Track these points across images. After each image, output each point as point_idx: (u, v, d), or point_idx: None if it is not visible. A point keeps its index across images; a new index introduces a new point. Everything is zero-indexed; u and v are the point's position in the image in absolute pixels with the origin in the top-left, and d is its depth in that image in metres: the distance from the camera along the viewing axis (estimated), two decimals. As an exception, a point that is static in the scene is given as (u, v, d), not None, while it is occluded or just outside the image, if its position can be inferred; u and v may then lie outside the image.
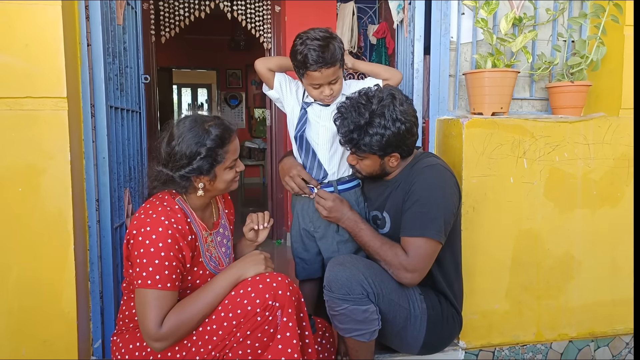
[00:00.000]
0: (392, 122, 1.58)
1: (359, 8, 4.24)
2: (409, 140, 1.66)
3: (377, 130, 1.58)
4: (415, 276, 1.61)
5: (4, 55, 1.53)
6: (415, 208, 1.62)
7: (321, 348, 1.76)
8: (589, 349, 2.16)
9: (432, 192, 1.62)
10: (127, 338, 1.51)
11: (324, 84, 1.69)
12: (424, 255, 1.60)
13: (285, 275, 1.46)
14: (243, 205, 6.40)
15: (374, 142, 1.59)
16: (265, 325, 1.38)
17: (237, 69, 8.40)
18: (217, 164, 1.48)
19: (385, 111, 1.58)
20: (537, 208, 2.03)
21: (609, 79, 2.11)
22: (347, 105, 1.63)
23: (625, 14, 2.02)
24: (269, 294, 1.38)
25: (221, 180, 1.52)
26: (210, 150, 1.45)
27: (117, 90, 1.86)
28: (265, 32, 3.93)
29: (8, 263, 1.58)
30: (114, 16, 1.85)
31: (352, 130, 1.59)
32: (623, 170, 2.08)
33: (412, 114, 1.64)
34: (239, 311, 1.38)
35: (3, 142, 1.55)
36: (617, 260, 2.13)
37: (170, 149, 1.46)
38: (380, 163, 1.68)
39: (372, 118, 1.58)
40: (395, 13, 2.29)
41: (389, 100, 1.60)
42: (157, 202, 1.46)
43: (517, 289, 2.05)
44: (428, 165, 1.67)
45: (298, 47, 1.66)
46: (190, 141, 1.44)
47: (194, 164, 1.44)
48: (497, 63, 1.96)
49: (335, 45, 1.65)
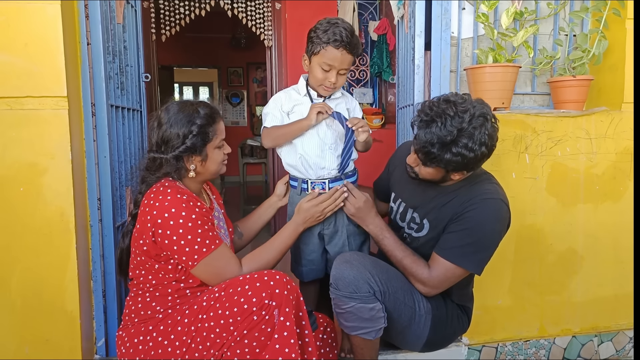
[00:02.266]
0: (479, 146, 1.44)
1: (360, 4, 4.22)
2: (484, 161, 1.55)
3: (461, 151, 1.44)
4: (431, 292, 1.63)
5: (4, 55, 1.53)
6: (461, 234, 1.56)
7: (322, 343, 1.76)
8: (593, 344, 2.15)
9: (485, 228, 1.56)
10: (132, 332, 1.52)
11: (336, 68, 1.66)
12: (448, 278, 1.60)
13: (284, 273, 1.45)
14: (245, 203, 6.41)
15: (453, 161, 1.47)
16: (262, 325, 1.37)
17: (239, 67, 8.40)
18: (209, 141, 1.54)
19: (476, 133, 1.44)
20: (539, 203, 2.02)
21: (611, 73, 2.10)
22: (432, 112, 1.47)
23: (627, 8, 2.00)
24: (265, 292, 1.37)
25: (212, 160, 1.58)
26: (202, 128, 1.52)
27: (117, 89, 1.86)
28: (266, 30, 3.92)
29: (10, 262, 1.59)
30: (114, 15, 1.85)
31: (433, 143, 1.45)
32: (626, 165, 2.07)
33: (496, 138, 1.52)
34: (235, 309, 1.37)
35: (4, 141, 1.55)
36: (620, 255, 2.12)
37: (161, 132, 1.52)
38: (442, 175, 1.58)
39: (460, 138, 1.43)
40: (396, 9, 2.29)
41: (481, 122, 1.45)
42: (161, 188, 1.48)
43: (520, 285, 2.04)
44: (491, 198, 1.57)
45: (326, 25, 1.64)
46: (181, 122, 1.51)
47: (187, 142, 1.50)
48: (498, 58, 1.95)
49: (359, 41, 1.68)
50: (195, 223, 1.43)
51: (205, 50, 8.00)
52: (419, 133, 1.49)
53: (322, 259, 1.85)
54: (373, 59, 4.19)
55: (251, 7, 3.86)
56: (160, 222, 1.42)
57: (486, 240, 1.58)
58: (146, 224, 1.45)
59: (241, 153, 7.82)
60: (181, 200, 1.44)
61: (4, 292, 1.59)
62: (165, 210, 1.42)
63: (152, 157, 1.55)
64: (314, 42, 1.66)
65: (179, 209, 1.42)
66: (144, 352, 1.48)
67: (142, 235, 1.48)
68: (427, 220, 1.68)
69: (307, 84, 1.78)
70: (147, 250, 1.48)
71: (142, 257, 1.50)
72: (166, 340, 1.45)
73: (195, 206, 1.47)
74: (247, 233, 1.91)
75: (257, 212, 1.95)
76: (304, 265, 1.84)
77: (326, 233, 1.81)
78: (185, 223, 1.42)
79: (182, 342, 1.43)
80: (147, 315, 1.52)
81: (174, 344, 1.43)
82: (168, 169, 1.53)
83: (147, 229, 1.45)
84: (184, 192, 1.49)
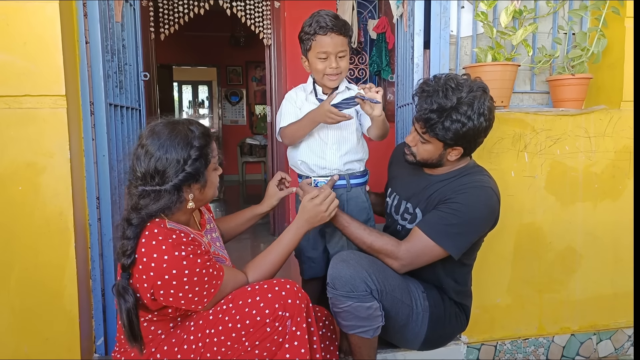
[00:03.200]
0: (477, 116, 1.52)
1: (359, 3, 4.22)
2: (480, 139, 1.61)
3: (460, 118, 1.52)
4: (404, 266, 1.61)
5: (3, 54, 1.53)
6: (448, 214, 1.57)
7: (322, 337, 1.74)
8: (591, 342, 2.16)
9: (473, 212, 1.58)
10: (132, 356, 1.43)
11: (332, 53, 1.66)
12: (424, 254, 1.59)
13: (294, 281, 1.42)
14: (245, 202, 6.41)
15: (452, 129, 1.52)
16: (274, 336, 1.34)
17: (238, 66, 8.39)
18: (209, 163, 1.38)
19: (475, 102, 1.52)
20: (538, 202, 2.02)
21: (610, 71, 2.10)
22: (433, 84, 1.56)
23: (626, 6, 2.00)
24: (278, 303, 1.33)
25: (211, 184, 1.43)
26: (201, 150, 1.34)
27: (116, 88, 1.86)
28: (265, 28, 3.92)
29: (9, 262, 1.59)
30: (112, 13, 1.84)
31: (434, 110, 1.52)
32: (624, 163, 2.08)
33: (494, 114, 1.59)
34: (247, 322, 1.33)
35: (2, 140, 1.55)
36: (619, 253, 2.12)
37: (154, 161, 1.30)
38: (440, 153, 1.63)
39: (459, 105, 1.51)
40: (395, 7, 2.28)
41: (480, 93, 1.54)
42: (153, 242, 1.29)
43: (519, 283, 2.04)
44: (482, 186, 1.61)
45: (309, 20, 1.68)
46: (178, 146, 1.31)
47: (187, 168, 1.31)
48: (497, 57, 1.95)
49: (346, 21, 1.69)
50: (199, 272, 1.29)
51: (204, 48, 7.99)
52: (420, 102, 1.57)
53: (323, 257, 1.85)
54: (372, 57, 4.19)
55: (250, 6, 3.85)
56: (161, 284, 1.27)
57: (471, 225, 1.59)
58: (142, 284, 1.29)
59: (240, 152, 7.81)
60: (179, 251, 1.27)
61: (3, 291, 1.59)
62: (165, 272, 1.26)
63: (142, 192, 1.31)
64: (304, 40, 1.70)
65: (180, 267, 1.26)
66: None
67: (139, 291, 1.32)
68: (420, 210, 1.70)
69: (314, 81, 1.80)
70: (143, 305, 1.36)
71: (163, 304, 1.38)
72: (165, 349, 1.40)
73: (191, 248, 1.30)
74: (226, 235, 1.81)
75: (239, 218, 1.83)
76: (304, 262, 1.86)
77: (327, 231, 1.82)
78: (190, 279, 1.28)
79: (191, 350, 1.37)
80: (147, 339, 1.41)
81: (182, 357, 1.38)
82: (165, 203, 1.31)
83: (144, 289, 1.30)
84: (173, 233, 1.31)
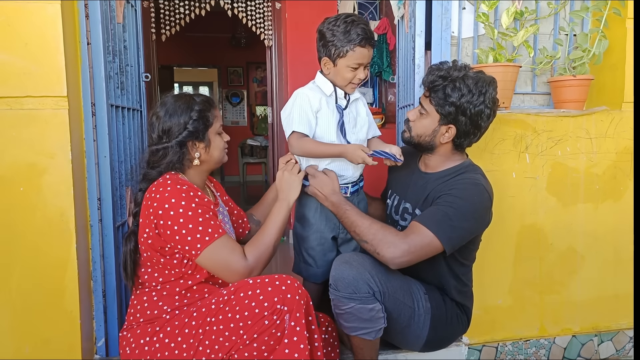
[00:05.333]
0: (479, 94, 1.60)
1: (360, 4, 4.22)
2: (474, 128, 1.65)
3: (462, 87, 1.59)
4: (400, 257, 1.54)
5: (4, 54, 1.53)
6: (444, 207, 1.58)
7: (324, 343, 1.76)
8: (593, 344, 2.15)
9: (467, 206, 1.58)
10: (138, 333, 1.51)
11: (364, 64, 1.68)
12: (422, 247, 1.54)
13: (295, 277, 1.45)
14: (246, 203, 6.41)
15: (452, 97, 1.59)
16: (272, 329, 1.37)
17: (239, 67, 8.40)
18: (210, 126, 1.58)
19: (480, 81, 1.61)
20: (539, 203, 2.02)
21: (611, 72, 2.10)
22: (446, 64, 1.67)
23: (627, 7, 2.00)
24: (277, 297, 1.37)
25: (215, 146, 1.61)
26: (201, 112, 1.56)
27: (117, 89, 1.86)
28: (266, 29, 3.92)
29: (11, 262, 1.59)
30: (114, 14, 1.84)
31: (441, 75, 1.62)
32: (626, 164, 2.07)
33: (496, 107, 1.66)
34: (246, 313, 1.37)
35: (4, 141, 1.55)
36: (621, 254, 2.12)
37: (161, 124, 1.55)
38: (434, 129, 1.67)
39: (466, 77, 1.60)
40: (396, 9, 2.28)
41: (489, 79, 1.64)
42: (162, 181, 1.50)
43: (520, 284, 2.04)
44: (474, 183, 1.63)
45: (344, 25, 1.62)
46: (180, 110, 1.55)
47: (189, 127, 1.54)
48: (498, 58, 1.95)
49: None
50: (196, 212, 1.44)
51: (205, 49, 8.00)
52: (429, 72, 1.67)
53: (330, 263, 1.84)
54: (373, 58, 4.19)
55: (251, 7, 3.86)
56: (162, 213, 1.43)
57: (465, 219, 1.57)
58: (149, 217, 1.47)
59: (241, 153, 7.82)
60: (181, 190, 1.46)
61: (4, 292, 1.59)
62: (166, 201, 1.43)
63: (154, 150, 1.56)
64: (337, 46, 1.63)
65: (179, 198, 1.44)
66: (150, 354, 1.47)
67: (145, 229, 1.49)
68: (419, 210, 1.71)
69: (333, 84, 1.73)
70: (151, 244, 1.49)
71: (148, 252, 1.51)
72: (173, 342, 1.45)
73: (196, 196, 1.47)
74: (263, 219, 1.86)
75: (267, 197, 1.96)
76: (320, 267, 1.80)
77: (341, 237, 1.82)
78: (185, 212, 1.43)
79: (190, 344, 1.42)
80: (153, 315, 1.52)
81: (181, 346, 1.42)
82: (172, 158, 1.54)
83: (150, 222, 1.47)
84: (184, 183, 1.50)
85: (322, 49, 1.68)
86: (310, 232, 1.79)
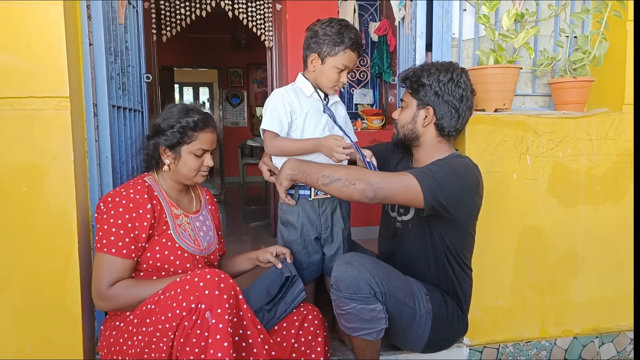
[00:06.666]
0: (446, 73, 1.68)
1: (360, 5, 4.23)
2: (451, 107, 1.68)
3: (432, 69, 1.70)
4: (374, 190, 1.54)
5: (7, 55, 1.53)
6: (428, 166, 1.64)
7: (303, 332, 1.69)
8: (594, 345, 2.16)
9: (450, 170, 1.61)
10: (107, 326, 1.55)
11: (350, 68, 1.73)
12: (400, 183, 1.56)
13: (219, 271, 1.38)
14: (245, 204, 6.41)
15: (424, 76, 1.69)
16: (197, 329, 1.30)
17: (239, 68, 8.41)
18: (184, 143, 1.60)
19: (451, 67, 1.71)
20: (540, 204, 2.02)
21: (612, 74, 2.11)
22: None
23: (627, 9, 2.01)
24: (193, 295, 1.31)
25: (183, 162, 1.62)
26: (182, 128, 1.59)
27: (119, 90, 1.86)
28: (266, 30, 3.92)
29: (12, 263, 1.59)
30: (116, 15, 1.85)
31: (414, 68, 1.75)
32: (626, 166, 2.08)
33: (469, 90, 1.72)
34: (169, 314, 1.32)
35: (6, 142, 1.55)
36: (621, 256, 2.12)
37: (153, 122, 1.66)
38: (413, 114, 1.73)
39: (436, 65, 1.73)
40: (397, 10, 2.29)
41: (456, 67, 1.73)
42: (131, 182, 1.60)
43: (521, 286, 2.04)
44: (462, 161, 1.68)
45: (337, 27, 1.68)
46: (171, 116, 1.61)
47: (166, 134, 1.59)
48: (499, 59, 1.95)
49: None
50: (109, 220, 1.49)
51: (206, 50, 8.00)
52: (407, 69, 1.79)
53: (320, 260, 1.88)
54: (373, 60, 4.20)
55: (252, 8, 3.86)
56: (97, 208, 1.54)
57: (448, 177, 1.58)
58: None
59: (241, 154, 7.82)
60: (119, 195, 1.52)
61: (6, 292, 1.59)
62: (104, 199, 1.53)
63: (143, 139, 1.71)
64: (328, 44, 1.68)
65: (111, 202, 1.51)
66: (112, 347, 1.49)
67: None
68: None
69: (311, 83, 1.77)
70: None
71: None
72: (121, 339, 1.47)
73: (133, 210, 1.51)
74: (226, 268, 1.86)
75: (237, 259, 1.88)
76: (305, 269, 1.85)
77: (323, 237, 1.84)
78: (104, 214, 1.50)
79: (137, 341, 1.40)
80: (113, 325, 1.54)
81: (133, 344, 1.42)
82: (147, 152, 1.65)
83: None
84: (134, 187, 1.56)
85: (313, 45, 1.71)
86: (296, 236, 1.82)
